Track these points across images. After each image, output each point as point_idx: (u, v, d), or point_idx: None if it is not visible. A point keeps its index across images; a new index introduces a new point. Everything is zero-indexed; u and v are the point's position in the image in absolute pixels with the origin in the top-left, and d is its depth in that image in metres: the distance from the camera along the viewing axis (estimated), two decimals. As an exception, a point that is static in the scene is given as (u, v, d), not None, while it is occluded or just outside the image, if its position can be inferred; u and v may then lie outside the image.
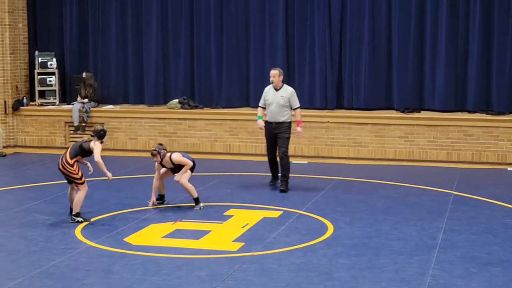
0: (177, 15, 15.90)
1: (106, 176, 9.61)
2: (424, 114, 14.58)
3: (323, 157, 14.53)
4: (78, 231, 9.19)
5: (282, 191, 11.51)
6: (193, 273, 7.61)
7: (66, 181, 9.81)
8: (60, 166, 9.52)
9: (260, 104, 11.94)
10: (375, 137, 14.39)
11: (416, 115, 14.52)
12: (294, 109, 11.68)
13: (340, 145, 14.56)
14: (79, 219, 9.50)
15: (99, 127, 9.71)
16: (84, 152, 9.59)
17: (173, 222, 9.62)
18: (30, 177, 12.84)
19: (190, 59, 15.91)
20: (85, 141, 9.61)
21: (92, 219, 9.71)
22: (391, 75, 14.99)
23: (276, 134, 11.62)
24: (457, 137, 14.01)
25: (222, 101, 15.71)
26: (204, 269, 7.71)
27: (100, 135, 9.62)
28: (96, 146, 9.51)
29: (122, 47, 16.28)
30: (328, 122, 14.66)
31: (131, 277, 7.49)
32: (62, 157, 9.56)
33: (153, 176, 10.54)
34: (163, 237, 9.00)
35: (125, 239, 8.84)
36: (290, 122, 11.66)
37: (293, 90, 11.81)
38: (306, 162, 14.17)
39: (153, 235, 9.09)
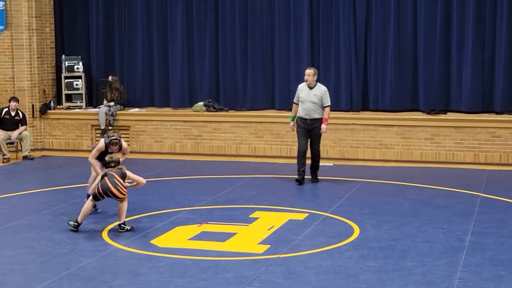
0: (202, 18, 15.95)
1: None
2: (450, 115, 14.48)
3: (348, 159, 14.49)
4: (105, 233, 9.25)
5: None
6: (219, 275, 7.62)
7: (95, 198, 9.51)
8: (116, 191, 9.28)
9: (294, 101, 12.36)
10: (401, 139, 14.32)
11: (442, 116, 14.43)
12: (324, 107, 12.06)
13: (365, 147, 14.51)
14: (128, 227, 9.37)
15: (116, 157, 9.74)
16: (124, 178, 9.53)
17: (199, 225, 9.64)
18: (58, 180, 12.95)
19: (215, 62, 15.96)
20: (122, 169, 9.50)
21: (118, 222, 9.76)
22: (417, 76, 14.91)
23: (310, 130, 12.09)
24: (484, 139, 13.90)
25: (247, 103, 15.73)
26: (230, 272, 7.72)
27: (119, 163, 9.69)
28: (128, 172, 9.51)
29: (147, 51, 16.37)
30: (353, 124, 14.62)
31: (158, 279, 7.52)
32: (115, 181, 9.29)
33: (179, 179, 10.52)
34: (189, 239, 9.03)
35: (151, 242, 8.88)
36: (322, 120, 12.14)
37: (326, 89, 12.25)
38: (332, 164, 14.13)
39: (179, 237, 9.13)
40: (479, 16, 14.42)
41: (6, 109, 14.91)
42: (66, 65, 16.26)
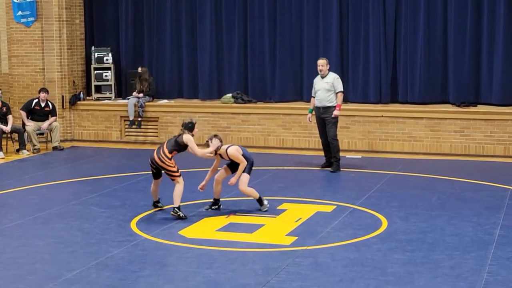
0: (230, 9, 15.96)
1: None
2: (480, 108, 14.35)
3: (377, 152, 14.43)
4: (133, 224, 9.31)
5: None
6: (247, 266, 7.64)
7: (152, 174, 9.71)
8: (157, 159, 9.42)
9: (312, 95, 12.79)
10: (430, 132, 14.22)
11: (472, 109, 14.31)
12: (336, 93, 12.43)
13: (394, 140, 14.44)
14: (181, 213, 9.40)
15: (187, 120, 9.77)
16: (179, 147, 9.55)
17: (226, 216, 9.67)
18: (87, 170, 13.06)
19: (244, 53, 15.96)
20: (179, 135, 9.57)
21: (147, 212, 9.83)
22: (447, 68, 14.79)
23: (324, 119, 12.46)
24: (515, 131, 13.77)
25: (275, 95, 15.72)
26: (257, 263, 7.73)
27: (189, 127, 9.62)
28: (190, 140, 9.50)
29: (176, 42, 16.42)
30: (382, 116, 14.54)
31: (186, 269, 7.56)
32: (160, 150, 9.48)
33: (203, 170, 10.49)
34: (217, 230, 9.06)
35: (179, 232, 8.92)
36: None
37: (337, 76, 12.63)
38: (360, 156, 14.08)
39: (207, 228, 9.16)
40: (510, 7, 14.26)
41: (36, 100, 15.05)
42: (96, 56, 16.37)
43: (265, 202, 9.98)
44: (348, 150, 14.47)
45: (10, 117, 14.76)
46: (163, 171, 9.60)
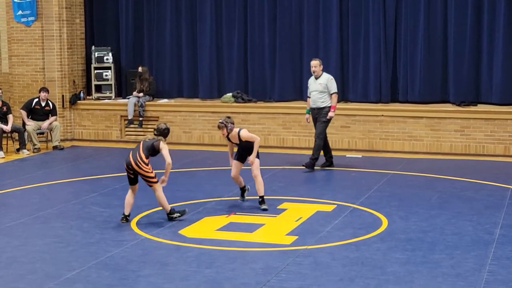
0: (231, 9, 15.95)
1: (162, 180, 9.16)
2: (480, 107, 14.35)
3: (377, 151, 14.43)
4: (133, 223, 9.31)
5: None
6: (247, 265, 7.64)
7: (128, 179, 9.28)
8: (134, 163, 9.04)
9: (308, 95, 12.78)
10: (431, 131, 14.22)
11: (472, 108, 14.30)
12: (331, 94, 12.41)
13: (394, 139, 14.43)
14: (176, 215, 9.24)
15: (163, 125, 9.43)
16: (155, 152, 9.23)
17: (227, 215, 9.67)
18: (87, 170, 13.06)
19: (244, 53, 15.95)
20: (156, 140, 9.22)
21: (147, 212, 9.82)
22: (447, 67, 14.78)
23: (317, 119, 12.53)
24: (515, 131, 13.77)
25: (275, 95, 15.72)
26: (257, 262, 7.73)
27: (165, 133, 9.36)
28: (164, 147, 9.18)
29: (176, 42, 16.42)
30: (382, 115, 14.54)
31: (186, 269, 7.56)
32: (136, 155, 9.08)
33: (208, 170, 10.51)
34: (217, 229, 9.06)
35: (179, 232, 8.92)
36: (330, 107, 12.45)
37: (331, 77, 12.59)
38: (360, 156, 14.08)
39: (207, 227, 9.16)
40: (510, 6, 14.25)
41: (37, 99, 15.05)
42: (96, 56, 16.37)
43: (265, 206, 9.92)
44: (349, 150, 14.48)
45: (10, 117, 14.76)
46: (139, 176, 9.23)
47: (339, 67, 15.25)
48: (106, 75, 16.41)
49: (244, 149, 9.95)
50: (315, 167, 12.55)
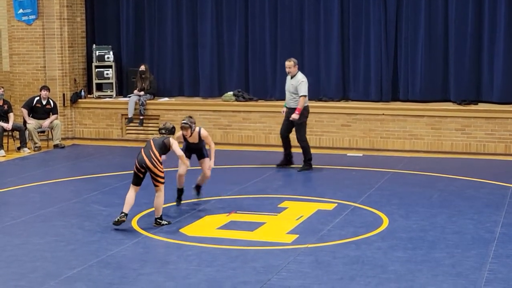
0: (231, 7, 15.95)
1: (185, 164, 9.52)
2: (481, 106, 14.34)
3: (378, 150, 14.43)
4: (134, 222, 9.31)
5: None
6: (248, 264, 7.64)
7: (134, 179, 9.07)
8: (149, 163, 8.90)
9: None
10: (431, 130, 14.22)
11: (473, 107, 14.30)
12: (299, 97, 12.24)
13: (395, 138, 14.43)
14: (164, 222, 9.12)
15: (169, 124, 9.38)
16: (166, 150, 9.17)
17: (227, 214, 9.67)
18: (88, 168, 13.06)
19: (245, 51, 15.95)
20: (165, 138, 9.16)
21: (148, 210, 9.82)
22: (448, 66, 14.78)
23: (290, 120, 12.37)
24: (516, 130, 13.77)
25: (276, 93, 15.71)
26: (258, 261, 7.74)
27: (173, 132, 9.34)
28: (174, 142, 9.16)
29: (177, 40, 16.41)
30: (383, 114, 14.54)
31: (187, 267, 7.56)
32: (150, 153, 8.95)
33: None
34: (218, 228, 9.06)
35: (180, 230, 8.92)
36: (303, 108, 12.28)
37: (303, 80, 12.34)
38: (361, 154, 14.08)
39: (208, 226, 9.16)
40: (511, 5, 14.23)
41: (38, 98, 15.06)
42: (97, 54, 16.37)
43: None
44: (349, 148, 14.48)
45: (11, 115, 14.77)
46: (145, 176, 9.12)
47: (340, 66, 15.25)
48: (107, 74, 16.41)
49: (193, 150, 9.92)
50: (313, 166, 12.53)
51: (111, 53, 16.38)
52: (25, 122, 14.90)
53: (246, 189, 11.13)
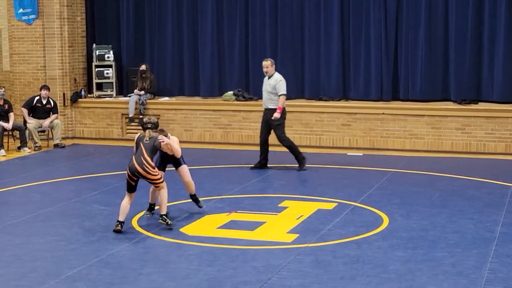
0: (232, 7, 15.95)
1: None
2: (482, 105, 14.34)
3: (378, 149, 14.43)
4: (135, 221, 9.31)
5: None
6: (248, 264, 7.64)
7: (127, 187, 8.89)
8: (142, 170, 8.70)
9: None
10: (432, 129, 14.22)
11: (473, 106, 14.30)
12: (278, 96, 12.13)
13: (395, 137, 14.43)
14: (168, 221, 8.95)
15: (154, 119, 9.22)
16: (156, 151, 9.05)
17: (228, 213, 9.67)
18: (88, 168, 13.06)
19: (245, 51, 15.95)
20: (155, 139, 8.96)
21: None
22: (448, 65, 14.78)
23: (268, 121, 12.31)
24: (516, 129, 13.77)
25: (276, 92, 15.69)
26: (259, 260, 7.73)
27: (157, 126, 9.19)
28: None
29: (177, 40, 16.41)
30: (383, 114, 14.54)
31: (187, 267, 7.56)
32: (141, 159, 8.74)
33: (208, 168, 10.47)
34: (218, 228, 9.06)
35: (181, 230, 8.92)
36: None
37: (281, 79, 12.26)
38: (361, 154, 14.08)
39: (208, 226, 9.16)
40: (511, 5, 14.23)
41: (38, 97, 15.06)
42: (97, 54, 16.37)
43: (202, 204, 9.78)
44: (350, 148, 14.48)
45: (11, 115, 14.77)
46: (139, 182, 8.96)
47: (340, 65, 15.25)
48: (107, 73, 16.41)
49: (168, 159, 9.51)
50: (312, 165, 12.54)
51: (111, 52, 16.38)
52: (25, 122, 14.90)
53: (246, 188, 11.13)
